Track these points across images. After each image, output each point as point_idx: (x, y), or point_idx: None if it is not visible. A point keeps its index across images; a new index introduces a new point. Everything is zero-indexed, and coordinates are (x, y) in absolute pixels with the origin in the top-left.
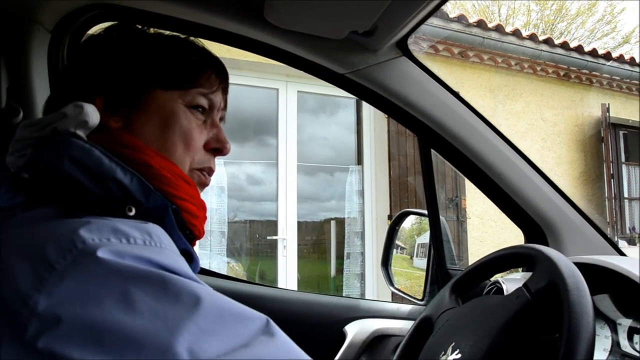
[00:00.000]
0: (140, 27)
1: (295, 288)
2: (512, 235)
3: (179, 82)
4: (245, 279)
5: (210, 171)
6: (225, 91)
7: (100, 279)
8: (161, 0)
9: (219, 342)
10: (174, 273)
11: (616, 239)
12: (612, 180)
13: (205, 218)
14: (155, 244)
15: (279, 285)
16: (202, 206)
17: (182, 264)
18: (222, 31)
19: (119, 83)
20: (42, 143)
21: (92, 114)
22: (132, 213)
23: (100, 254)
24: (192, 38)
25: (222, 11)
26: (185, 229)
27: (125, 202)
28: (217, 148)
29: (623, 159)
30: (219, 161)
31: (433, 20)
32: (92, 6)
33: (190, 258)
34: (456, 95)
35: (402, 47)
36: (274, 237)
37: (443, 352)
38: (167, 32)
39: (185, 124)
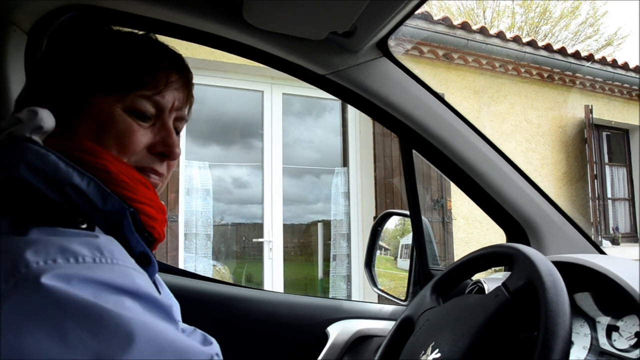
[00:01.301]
0: (92, 28)
1: (282, 290)
2: (497, 236)
3: (116, 86)
4: (231, 281)
5: (154, 172)
6: (185, 87)
7: (39, 308)
8: (139, 2)
9: None
10: (125, 291)
11: (600, 239)
12: (595, 180)
13: (165, 221)
14: (106, 260)
15: (266, 288)
16: (161, 209)
17: (135, 278)
18: (201, 32)
19: (57, 90)
20: None
21: (47, 119)
22: (85, 226)
23: (45, 279)
24: (147, 35)
25: (200, 12)
26: (144, 231)
27: (79, 212)
28: (162, 152)
29: (606, 160)
30: (203, 164)
31: (417, 22)
32: (69, 7)
33: (148, 260)
34: (437, 96)
35: (383, 48)
36: (260, 240)
37: (423, 352)
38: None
39: (122, 127)
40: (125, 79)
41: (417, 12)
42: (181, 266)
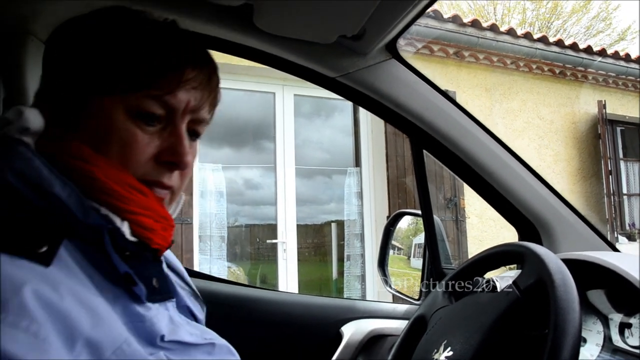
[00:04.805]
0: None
1: (297, 291)
2: (510, 234)
3: (117, 86)
4: (246, 282)
5: (160, 185)
6: (205, 85)
7: None
8: (152, 9)
9: None
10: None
11: (616, 236)
12: (610, 176)
13: (168, 227)
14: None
15: (280, 289)
16: (163, 216)
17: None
18: (212, 38)
19: (60, 89)
20: None
21: (33, 120)
22: (45, 248)
23: None
24: (162, 22)
25: (212, 18)
26: (128, 248)
27: (51, 229)
28: (170, 161)
29: (621, 155)
30: (216, 166)
31: (427, 21)
32: None
33: (132, 282)
34: (446, 96)
35: (392, 50)
36: (274, 241)
37: (436, 350)
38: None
39: (123, 135)
40: (127, 77)
41: (426, 11)
42: (196, 268)
